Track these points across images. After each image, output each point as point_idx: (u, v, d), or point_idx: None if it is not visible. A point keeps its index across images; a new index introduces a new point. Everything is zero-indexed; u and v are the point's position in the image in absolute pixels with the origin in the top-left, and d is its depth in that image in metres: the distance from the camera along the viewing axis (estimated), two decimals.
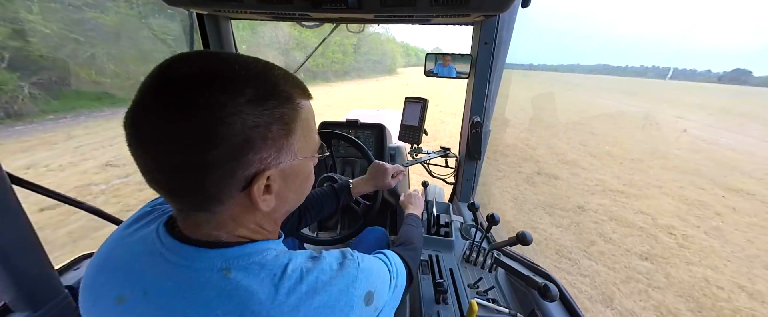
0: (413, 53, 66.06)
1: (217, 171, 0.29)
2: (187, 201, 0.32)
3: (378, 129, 1.51)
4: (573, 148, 5.56)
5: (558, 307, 0.75)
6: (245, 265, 0.32)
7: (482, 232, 0.95)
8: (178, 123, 0.27)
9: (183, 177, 0.29)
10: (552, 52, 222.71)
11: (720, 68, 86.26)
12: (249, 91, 0.29)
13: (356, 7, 0.85)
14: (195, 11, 1.05)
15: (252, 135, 0.29)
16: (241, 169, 0.30)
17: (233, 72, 0.29)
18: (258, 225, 0.37)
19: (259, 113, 0.30)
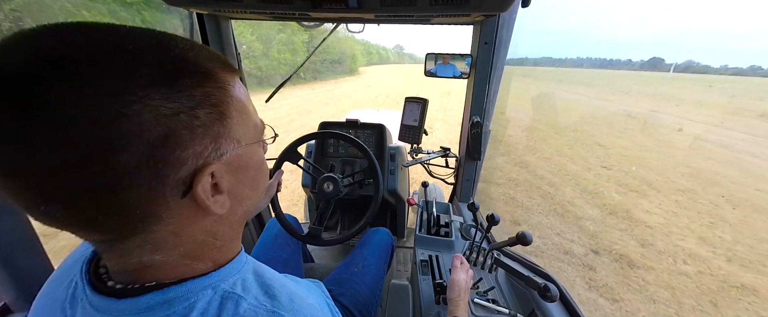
0: (375, 51, 64.06)
1: (136, 182, 0.21)
2: (109, 230, 0.24)
3: (378, 129, 1.51)
4: (596, 173, 4.19)
5: (558, 307, 0.74)
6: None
7: (482, 232, 0.95)
8: (51, 132, 0.19)
9: (91, 203, 0.21)
10: None
11: (637, 57, 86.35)
12: (147, 69, 0.21)
13: (356, 7, 0.85)
14: (195, 11, 1.05)
15: (171, 125, 0.22)
16: (171, 171, 0.23)
17: (116, 45, 0.21)
18: (211, 236, 0.29)
19: (171, 96, 0.22)
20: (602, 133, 6.57)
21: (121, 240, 0.25)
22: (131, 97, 0.20)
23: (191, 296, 0.27)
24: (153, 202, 0.23)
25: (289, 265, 0.95)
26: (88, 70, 0.20)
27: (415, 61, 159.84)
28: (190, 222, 0.27)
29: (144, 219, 0.24)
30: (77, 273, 0.29)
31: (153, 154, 0.22)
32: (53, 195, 0.21)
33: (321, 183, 1.04)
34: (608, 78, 22.25)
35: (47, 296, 0.32)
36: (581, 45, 40.29)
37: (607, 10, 57.44)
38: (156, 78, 0.22)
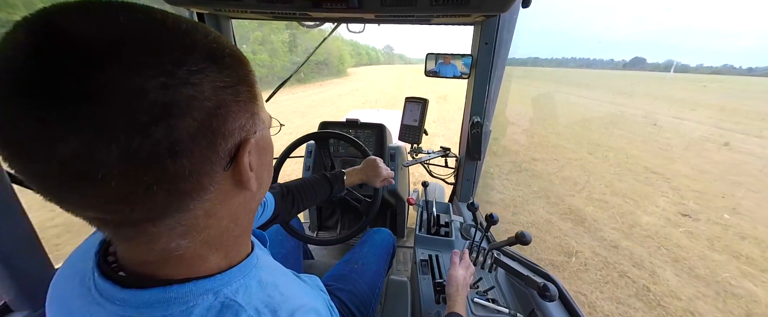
0: (364, 52, 61.81)
1: (195, 149, 0.22)
2: (153, 204, 0.23)
3: (378, 129, 1.51)
4: (685, 229, 2.81)
5: (558, 307, 0.75)
6: (185, 312, 0.26)
7: (482, 232, 0.95)
8: (121, 95, 0.19)
9: (145, 170, 0.21)
10: None
11: (619, 57, 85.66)
12: (200, 45, 0.23)
13: (357, 7, 0.86)
14: (195, 11, 1.05)
15: (223, 97, 0.24)
16: (222, 141, 0.24)
17: (169, 24, 0.22)
18: (233, 220, 0.30)
19: (222, 70, 0.24)
20: (639, 150, 5.23)
21: (156, 220, 0.24)
22: (194, 67, 0.22)
23: (191, 299, 0.27)
24: (204, 173, 0.24)
25: (288, 261, 0.95)
26: (159, 43, 0.21)
27: (406, 62, 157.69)
28: (223, 199, 0.28)
29: (191, 191, 0.24)
30: (88, 260, 0.30)
31: (210, 122, 0.23)
32: (108, 164, 0.20)
33: None
34: (600, 78, 20.42)
35: (59, 289, 0.33)
36: (569, 45, 39.61)
37: (596, 12, 56.04)
38: (209, 54, 0.23)
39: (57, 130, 0.19)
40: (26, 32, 0.19)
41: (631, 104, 11.33)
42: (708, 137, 6.49)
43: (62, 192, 0.22)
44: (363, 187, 1.43)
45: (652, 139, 6.07)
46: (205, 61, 0.23)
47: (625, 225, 2.85)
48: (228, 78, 0.24)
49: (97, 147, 0.19)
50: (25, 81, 0.19)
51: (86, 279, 0.28)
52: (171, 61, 0.21)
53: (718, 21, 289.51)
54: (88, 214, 0.24)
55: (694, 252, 2.49)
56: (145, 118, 0.20)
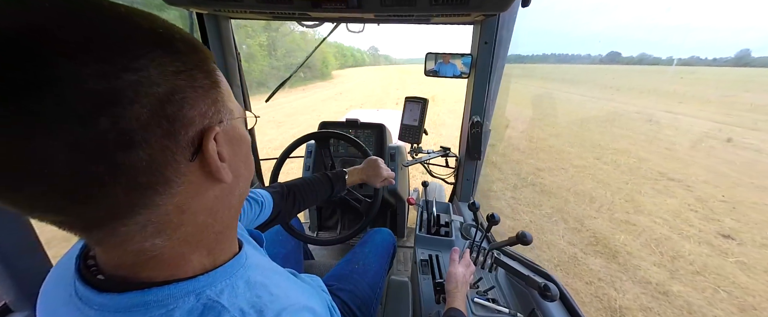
0: (349, 54, 60.78)
1: (149, 138, 0.21)
2: (111, 204, 0.22)
3: (378, 129, 1.51)
4: (735, 260, 2.39)
5: (558, 307, 0.74)
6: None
7: (482, 232, 0.95)
8: (53, 84, 0.18)
9: (96, 164, 0.20)
10: None
11: (595, 52, 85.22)
12: (144, 30, 0.22)
13: (356, 7, 0.85)
14: (195, 11, 1.05)
15: (176, 82, 0.22)
16: (181, 129, 0.23)
17: (105, 10, 0.21)
18: (211, 216, 0.29)
19: (172, 56, 0.22)
20: (646, 151, 4.88)
21: (122, 219, 0.23)
22: (137, 52, 0.21)
23: (170, 302, 0.26)
24: (165, 163, 0.23)
25: (288, 262, 0.95)
26: (93, 29, 0.20)
27: (391, 63, 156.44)
28: (195, 192, 0.26)
29: (154, 185, 0.23)
30: (73, 270, 0.29)
31: (163, 109, 0.22)
32: (53, 159, 0.19)
33: None
34: (582, 72, 19.66)
35: (48, 295, 0.33)
36: (549, 41, 39.10)
37: (572, 11, 55.80)
38: (155, 39, 0.22)
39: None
40: None
41: (620, 99, 11.11)
42: (707, 133, 6.26)
43: (12, 194, 0.20)
44: (363, 187, 1.43)
45: (654, 138, 5.81)
46: (149, 46, 0.21)
47: (665, 257, 2.38)
48: (179, 63, 0.23)
49: (35, 143, 0.18)
50: None
51: (69, 285, 0.28)
52: (109, 46, 0.20)
53: (683, 16, 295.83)
54: (48, 217, 0.22)
55: (759, 292, 2.05)
56: (85, 107, 0.19)
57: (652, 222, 2.84)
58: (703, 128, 6.64)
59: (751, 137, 5.83)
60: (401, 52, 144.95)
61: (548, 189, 3.53)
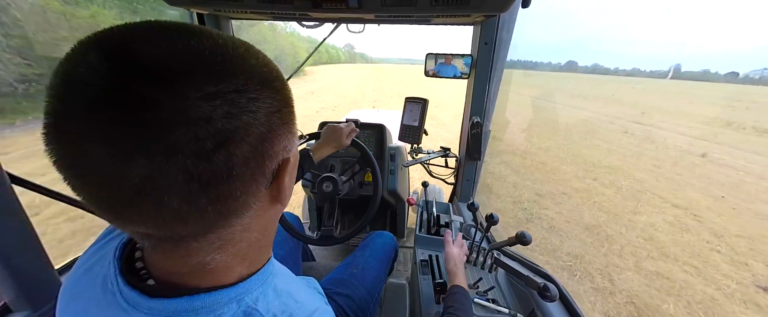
0: (324, 50, 58.03)
1: (247, 172, 0.23)
2: (202, 222, 0.24)
3: (378, 129, 1.51)
4: None
5: (558, 307, 0.75)
6: None
7: (482, 232, 0.95)
8: (191, 123, 0.20)
9: (203, 193, 0.22)
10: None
11: (555, 60, 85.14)
12: (255, 71, 0.24)
13: (356, 7, 0.86)
14: (195, 11, 1.05)
15: (272, 121, 0.24)
16: (269, 163, 0.25)
17: (229, 49, 0.23)
18: (262, 232, 0.31)
19: (272, 95, 0.24)
20: (637, 168, 4.75)
21: (199, 237, 0.25)
22: (252, 95, 0.23)
23: (217, 308, 0.28)
24: (250, 192, 0.25)
25: (287, 263, 0.95)
26: (223, 71, 0.22)
27: (368, 61, 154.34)
28: (260, 214, 0.29)
29: (237, 210, 0.25)
30: (108, 266, 0.30)
31: (262, 146, 0.24)
32: (173, 186, 0.21)
33: (320, 184, 1.04)
34: (548, 80, 18.93)
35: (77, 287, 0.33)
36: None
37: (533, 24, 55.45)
38: (263, 79, 0.24)
39: (129, 154, 0.19)
40: (98, 55, 0.20)
41: (590, 107, 11.12)
42: (682, 147, 6.23)
43: (123, 209, 0.22)
44: (363, 187, 1.43)
45: (636, 151, 5.78)
46: (261, 88, 0.23)
47: None
48: (277, 102, 0.25)
49: (165, 170, 0.20)
50: (99, 103, 0.19)
51: (109, 285, 0.28)
52: (235, 88, 0.21)
53: (626, 30, 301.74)
54: (139, 230, 0.24)
55: None
56: (209, 145, 0.21)
57: (684, 273, 2.53)
58: (675, 142, 6.68)
59: (719, 152, 5.94)
60: (378, 51, 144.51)
61: (557, 225, 3.05)
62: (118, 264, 0.29)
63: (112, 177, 0.20)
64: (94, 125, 0.19)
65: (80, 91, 0.19)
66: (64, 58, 0.21)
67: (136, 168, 0.20)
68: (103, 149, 0.19)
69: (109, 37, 0.21)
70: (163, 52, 0.20)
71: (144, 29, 0.21)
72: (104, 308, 0.28)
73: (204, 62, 0.21)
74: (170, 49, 0.20)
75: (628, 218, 3.31)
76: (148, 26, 0.22)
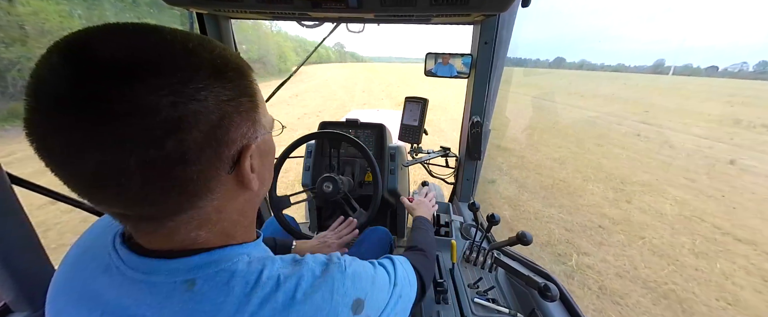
0: (301, 48, 59.75)
1: (201, 157, 0.26)
2: (167, 204, 0.27)
3: (378, 129, 1.51)
4: None
5: (558, 307, 0.74)
6: (212, 275, 0.30)
7: (482, 232, 0.95)
8: (139, 114, 0.22)
9: (159, 177, 0.24)
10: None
11: (544, 57, 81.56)
12: (205, 63, 0.26)
13: (356, 7, 0.85)
14: (194, 11, 1.05)
15: (226, 109, 0.27)
16: (226, 148, 0.28)
17: (177, 45, 0.25)
18: (240, 214, 0.34)
19: (225, 85, 0.27)
20: (672, 184, 4.02)
21: (172, 216, 0.28)
22: (200, 85, 0.25)
23: (233, 257, 0.31)
24: (210, 177, 0.28)
25: None
26: (170, 64, 0.24)
27: (358, 60, 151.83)
28: (230, 198, 0.31)
29: (199, 192, 0.28)
30: (106, 251, 0.32)
31: (214, 133, 0.26)
32: (128, 171, 0.23)
33: (320, 184, 1.04)
34: (540, 76, 17.14)
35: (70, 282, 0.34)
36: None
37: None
38: (212, 70, 0.26)
39: (84, 143, 0.22)
40: (58, 56, 0.23)
41: (593, 106, 10.25)
42: (704, 152, 5.47)
43: (91, 191, 0.25)
44: (363, 187, 1.43)
45: (661, 160, 5.04)
46: (209, 78, 0.26)
47: None
48: (230, 91, 0.27)
49: (118, 158, 0.23)
50: (58, 100, 0.22)
51: (113, 269, 0.31)
52: (180, 80, 0.24)
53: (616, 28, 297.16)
54: (114, 210, 0.28)
55: None
56: (158, 133, 0.23)
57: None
58: (694, 145, 5.98)
59: (744, 156, 5.19)
60: (369, 50, 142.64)
61: (608, 284, 2.21)
62: (117, 248, 0.32)
63: (73, 164, 0.23)
64: (54, 120, 0.22)
65: (44, 90, 0.22)
66: (38, 60, 0.23)
67: (90, 157, 0.22)
68: (61, 140, 0.22)
69: (72, 40, 0.23)
70: (113, 50, 0.23)
71: (102, 30, 0.24)
72: (119, 288, 0.30)
73: (151, 57, 0.23)
74: (120, 47, 0.23)
75: (693, 265, 2.51)
76: (106, 27, 0.24)
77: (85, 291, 0.31)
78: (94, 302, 0.30)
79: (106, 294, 0.30)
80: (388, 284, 0.40)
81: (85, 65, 0.22)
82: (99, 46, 0.23)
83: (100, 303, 0.30)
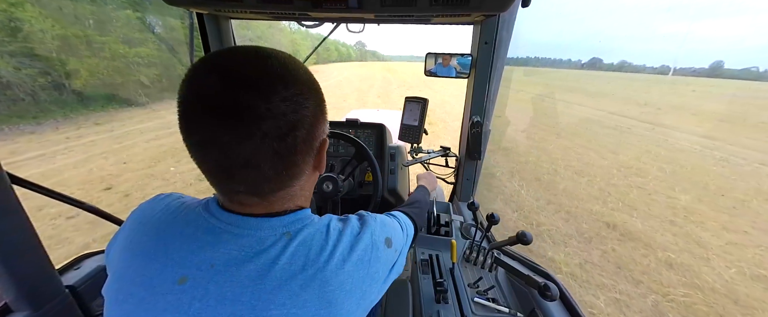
0: (333, 48, 55.36)
1: (303, 148, 0.36)
2: (279, 182, 0.37)
3: (378, 128, 1.51)
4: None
5: (558, 307, 0.75)
6: (300, 228, 0.39)
7: (482, 232, 0.95)
8: (274, 117, 0.32)
9: (280, 162, 0.35)
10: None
11: (576, 57, 78.56)
12: (301, 80, 0.35)
13: (356, 7, 0.85)
14: (195, 11, 1.05)
15: (316, 112, 0.37)
16: (315, 142, 0.39)
17: (286, 65, 0.34)
18: (309, 191, 0.45)
19: (314, 95, 0.37)
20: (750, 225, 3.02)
21: (279, 190, 0.38)
22: (304, 96, 0.35)
23: (308, 216, 0.42)
24: (306, 162, 0.39)
25: None
26: (287, 81, 0.34)
27: (379, 59, 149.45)
28: (308, 178, 0.42)
29: (298, 174, 0.39)
30: (201, 217, 0.39)
31: (312, 130, 0.37)
32: (266, 157, 0.34)
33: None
34: (569, 79, 16.54)
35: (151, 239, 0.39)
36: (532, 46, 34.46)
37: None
38: (307, 84, 0.36)
39: (241, 137, 0.32)
40: (215, 75, 0.31)
41: (608, 107, 9.26)
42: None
43: (235, 173, 0.34)
44: (363, 187, 1.43)
45: (722, 184, 3.98)
46: (308, 91, 0.36)
47: None
48: (317, 99, 0.38)
49: (261, 147, 0.33)
50: (216, 106, 0.31)
51: (217, 229, 0.37)
52: (296, 93, 0.34)
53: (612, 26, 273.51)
54: (242, 188, 0.37)
55: None
56: (284, 130, 0.33)
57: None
58: (751, 167, 4.74)
59: None
60: (390, 49, 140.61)
61: None
62: (217, 215, 0.39)
63: (231, 151, 0.32)
64: (216, 122, 0.31)
65: (204, 99, 0.32)
66: (189, 73, 0.33)
67: (245, 146, 0.32)
68: (223, 136, 0.32)
69: (219, 62, 0.33)
70: (252, 70, 0.32)
71: (238, 54, 0.34)
72: (219, 242, 0.36)
73: (278, 76, 0.33)
74: (258, 69, 0.33)
75: None
76: (239, 51, 0.34)
77: (185, 250, 0.36)
78: (201, 259, 0.36)
79: (213, 250, 0.36)
80: (400, 228, 0.54)
81: (236, 80, 0.31)
82: (242, 65, 0.32)
83: (208, 258, 0.36)
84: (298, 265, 0.36)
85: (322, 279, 0.36)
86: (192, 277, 0.35)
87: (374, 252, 0.42)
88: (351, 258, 0.39)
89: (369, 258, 0.41)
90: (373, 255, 0.42)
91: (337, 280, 0.37)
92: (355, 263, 0.39)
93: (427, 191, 0.90)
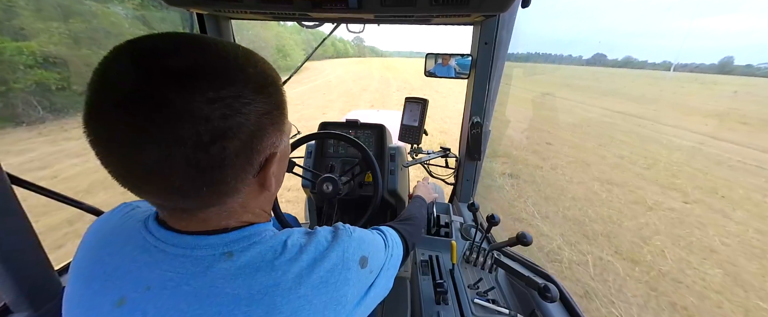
0: (330, 43, 50.97)
1: (236, 162, 0.29)
2: (200, 199, 0.31)
3: (378, 129, 1.51)
4: None
5: (558, 308, 0.74)
6: (246, 246, 0.34)
7: (482, 233, 0.95)
8: (194, 120, 0.25)
9: (199, 176, 0.28)
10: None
11: (578, 53, 72.76)
12: (251, 79, 0.29)
13: (356, 7, 0.85)
14: (195, 11, 1.06)
15: (262, 121, 0.30)
16: (256, 156, 0.31)
17: (231, 60, 0.28)
18: (260, 209, 0.39)
19: (264, 100, 0.30)
20: None
21: (205, 208, 0.32)
22: (245, 100, 0.28)
23: (260, 232, 0.36)
24: (240, 179, 0.31)
25: None
26: (223, 79, 0.27)
27: (377, 55, 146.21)
28: (252, 197, 0.36)
29: (229, 192, 0.32)
30: (139, 234, 0.35)
31: (250, 142, 0.30)
32: (175, 167, 0.26)
33: (320, 184, 1.04)
34: (574, 76, 16.00)
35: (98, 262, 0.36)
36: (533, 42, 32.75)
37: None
38: (255, 86, 0.29)
39: (145, 140, 0.25)
40: (128, 59, 0.25)
41: (628, 109, 8.23)
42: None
43: (141, 183, 0.29)
44: (363, 187, 1.43)
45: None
46: (253, 93, 0.29)
47: None
48: (267, 105, 0.30)
49: (171, 155, 0.26)
50: (126, 99, 0.25)
51: (152, 248, 0.34)
52: (230, 94, 0.27)
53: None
54: (155, 200, 0.31)
55: None
56: (206, 139, 0.26)
57: None
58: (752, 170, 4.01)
59: None
60: (388, 44, 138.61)
61: None
62: (153, 232, 0.35)
63: (131, 158, 0.26)
64: (120, 117, 0.25)
65: (111, 88, 0.25)
66: (102, 59, 0.26)
67: (149, 153, 0.25)
68: (125, 136, 0.25)
69: (140, 45, 0.26)
70: (179, 59, 0.26)
71: (167, 39, 0.27)
72: (159, 263, 0.33)
73: (210, 72, 0.26)
74: (185, 58, 0.26)
75: None
76: (170, 36, 0.27)
77: (123, 270, 0.33)
78: (137, 279, 0.32)
79: (149, 270, 0.33)
80: (383, 245, 0.48)
81: (153, 70, 0.25)
82: (166, 54, 0.26)
83: (144, 279, 0.32)
84: (243, 289, 0.31)
85: (270, 304, 0.31)
86: (130, 299, 0.32)
87: (343, 272, 0.36)
88: (310, 279, 0.33)
89: (335, 280, 0.35)
90: (340, 277, 0.36)
91: (290, 307, 0.31)
92: (316, 286, 0.34)
93: (424, 204, 0.85)
